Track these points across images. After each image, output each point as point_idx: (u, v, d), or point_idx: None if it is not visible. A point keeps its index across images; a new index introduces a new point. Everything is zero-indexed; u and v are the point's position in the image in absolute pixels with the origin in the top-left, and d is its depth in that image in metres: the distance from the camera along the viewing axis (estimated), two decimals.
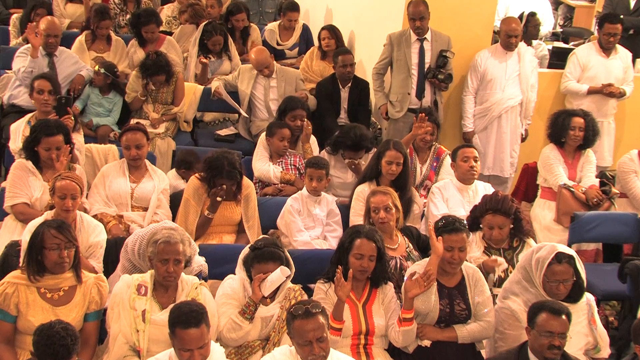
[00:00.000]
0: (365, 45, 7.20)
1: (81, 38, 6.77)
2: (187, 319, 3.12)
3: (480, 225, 4.39)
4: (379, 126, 6.68)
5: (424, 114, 5.37)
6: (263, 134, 5.60)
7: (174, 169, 5.41)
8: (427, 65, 6.09)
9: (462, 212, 4.81)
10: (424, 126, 5.32)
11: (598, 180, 5.66)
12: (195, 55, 6.89)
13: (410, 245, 4.41)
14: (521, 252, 4.30)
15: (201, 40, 6.90)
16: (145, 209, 4.77)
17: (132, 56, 6.83)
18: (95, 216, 4.51)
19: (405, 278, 3.83)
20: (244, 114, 6.37)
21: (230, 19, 7.40)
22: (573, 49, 6.98)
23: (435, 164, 5.50)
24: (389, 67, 6.26)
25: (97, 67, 6.08)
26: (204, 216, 4.62)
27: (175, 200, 4.85)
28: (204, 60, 6.81)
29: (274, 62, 6.54)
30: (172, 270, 3.54)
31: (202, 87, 6.63)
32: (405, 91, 6.11)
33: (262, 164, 5.41)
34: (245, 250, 3.84)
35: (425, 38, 6.08)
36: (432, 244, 3.78)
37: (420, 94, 6.12)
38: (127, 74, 6.62)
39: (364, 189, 4.85)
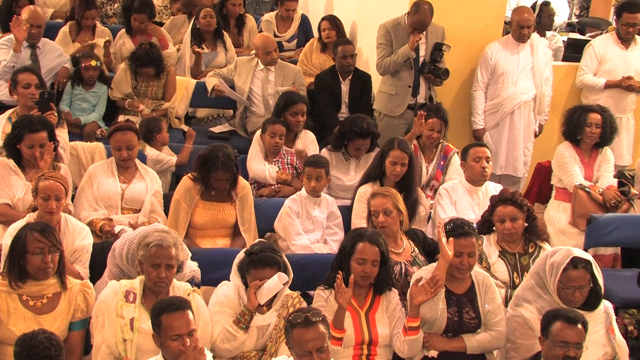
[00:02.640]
0: (368, 37, 7.19)
1: (65, 29, 6.78)
2: (172, 304, 3.18)
3: (493, 228, 4.39)
4: None
5: (423, 112, 5.36)
6: (258, 132, 5.61)
7: (152, 149, 5.42)
8: (421, 59, 6.07)
9: (472, 215, 4.81)
10: (424, 123, 5.32)
11: (616, 180, 5.66)
12: (189, 45, 6.89)
13: (416, 249, 4.41)
14: (538, 257, 4.29)
15: (193, 27, 6.91)
16: (136, 211, 4.77)
17: (120, 48, 6.84)
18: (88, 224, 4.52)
19: (410, 284, 3.83)
20: (245, 104, 6.32)
21: (225, 4, 7.40)
22: (589, 40, 6.99)
23: (442, 163, 5.50)
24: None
25: (94, 62, 6.08)
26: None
27: (167, 201, 4.85)
28: (198, 49, 6.80)
29: None
30: (163, 276, 3.54)
31: (195, 81, 6.63)
32: (405, 84, 6.09)
33: (257, 164, 5.41)
34: (240, 255, 3.84)
35: None
36: (441, 247, 3.77)
37: (415, 90, 6.10)
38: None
39: (366, 190, 4.85)
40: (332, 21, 7.10)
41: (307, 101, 5.81)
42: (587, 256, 3.80)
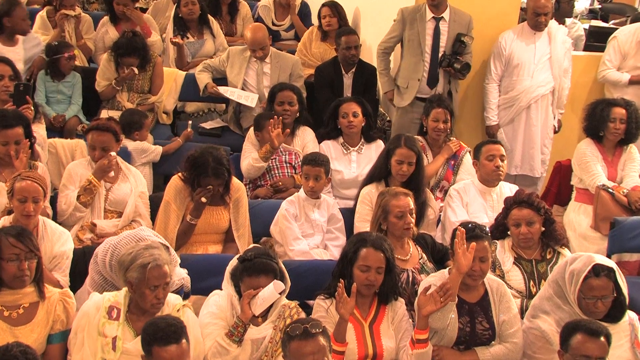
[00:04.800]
0: (372, 25, 7.20)
1: (42, 13, 6.77)
2: (166, 335, 3.13)
3: (508, 232, 4.39)
4: (388, 118, 6.68)
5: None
6: (251, 129, 5.61)
7: (135, 142, 5.47)
8: (441, 50, 6.09)
9: (485, 218, 4.82)
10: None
11: None
12: (172, 34, 6.88)
13: (424, 255, 4.41)
14: (556, 265, 4.29)
15: (175, 15, 6.90)
16: (120, 214, 4.77)
17: (102, 37, 6.83)
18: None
19: (418, 293, 3.83)
20: (251, 104, 6.24)
21: None
22: (613, 28, 6.98)
23: (453, 162, 5.50)
24: (400, 48, 6.24)
25: (77, 51, 6.08)
26: (186, 222, 4.62)
27: (155, 203, 4.84)
28: (176, 39, 6.78)
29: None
30: (161, 297, 3.52)
31: (184, 73, 6.63)
32: (416, 77, 6.11)
33: (244, 162, 5.41)
34: (234, 261, 3.83)
35: (442, 17, 6.08)
36: (457, 257, 3.74)
37: (432, 83, 6.11)
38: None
39: (370, 191, 4.86)
40: (334, 7, 7.10)
41: (296, 89, 5.80)
42: (610, 263, 3.80)
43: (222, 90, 6.28)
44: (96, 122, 4.91)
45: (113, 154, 4.71)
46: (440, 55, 6.08)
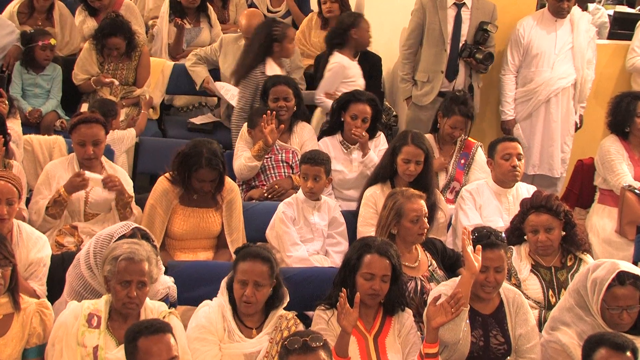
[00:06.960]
0: (377, 11, 7.21)
1: (12, 8, 6.63)
2: (150, 326, 3.18)
3: (525, 237, 4.40)
4: (394, 113, 6.69)
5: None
6: (244, 126, 5.60)
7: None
8: (462, 39, 6.10)
9: (500, 222, 4.82)
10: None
11: None
12: (167, 18, 6.88)
13: (434, 262, 4.42)
14: (577, 272, 4.29)
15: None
16: None
17: (80, 26, 6.82)
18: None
19: (427, 303, 3.84)
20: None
21: None
22: None
23: (463, 161, 5.50)
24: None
25: (53, 41, 6.08)
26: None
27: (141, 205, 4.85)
28: (182, 22, 6.79)
29: None
30: (134, 295, 3.52)
31: (172, 63, 6.64)
32: (438, 69, 6.12)
33: (237, 162, 5.42)
34: (231, 273, 3.83)
35: (464, 3, 6.10)
36: (466, 257, 3.77)
37: (452, 75, 6.12)
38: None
39: (375, 192, 4.86)
40: None
41: (291, 82, 5.78)
42: (637, 270, 3.80)
43: (218, 86, 6.28)
44: (81, 116, 4.89)
45: (83, 171, 4.64)
46: (461, 44, 6.09)
